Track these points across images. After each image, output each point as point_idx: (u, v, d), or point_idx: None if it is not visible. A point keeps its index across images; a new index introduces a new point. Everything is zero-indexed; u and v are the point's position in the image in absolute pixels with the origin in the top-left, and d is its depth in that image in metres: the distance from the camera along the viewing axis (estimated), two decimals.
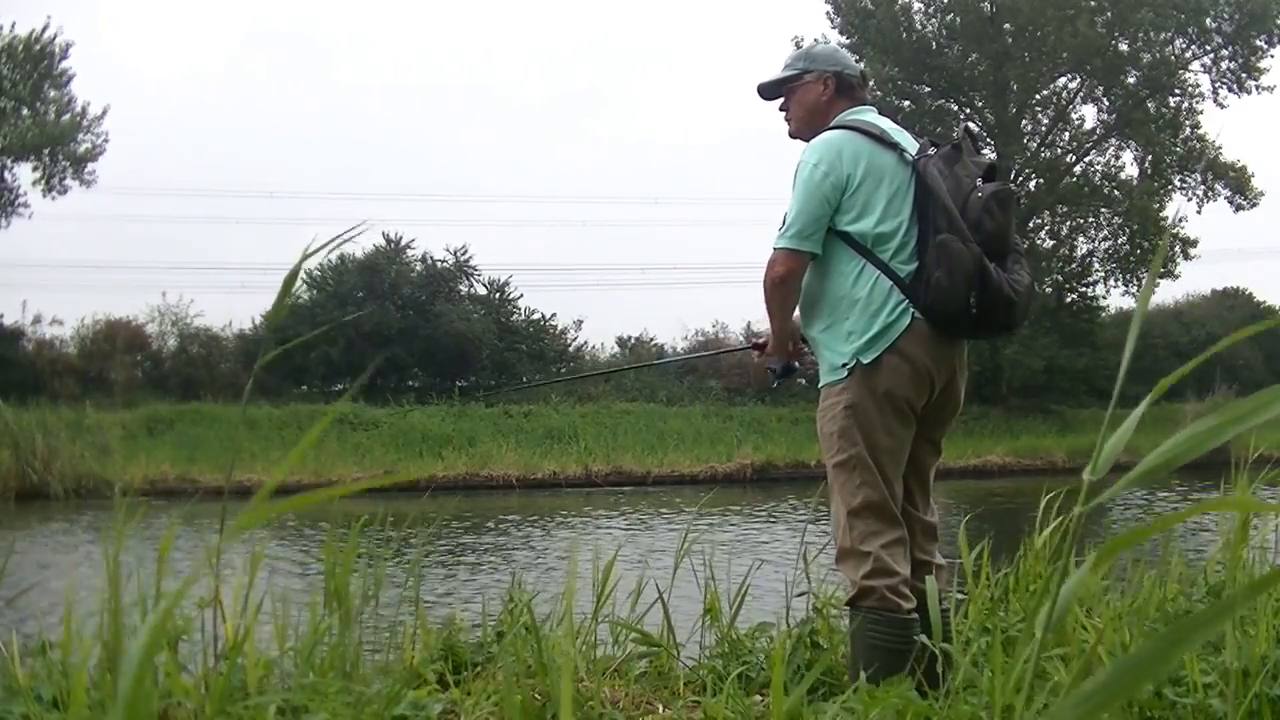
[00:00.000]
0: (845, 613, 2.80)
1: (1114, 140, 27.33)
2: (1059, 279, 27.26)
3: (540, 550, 11.15)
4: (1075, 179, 27.33)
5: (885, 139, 2.81)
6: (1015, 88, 26.74)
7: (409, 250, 27.67)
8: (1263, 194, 25.99)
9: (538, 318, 28.48)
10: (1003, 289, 2.66)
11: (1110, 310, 28.01)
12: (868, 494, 2.69)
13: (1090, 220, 27.85)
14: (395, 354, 25.86)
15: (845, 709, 2.09)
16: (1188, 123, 26.57)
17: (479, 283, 28.47)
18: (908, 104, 26.59)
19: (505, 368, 26.81)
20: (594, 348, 29.44)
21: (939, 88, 27.27)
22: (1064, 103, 27.67)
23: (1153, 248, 26.25)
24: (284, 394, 23.88)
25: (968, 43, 26.63)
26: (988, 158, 3.00)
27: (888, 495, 2.70)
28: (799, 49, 3.12)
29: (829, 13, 26.83)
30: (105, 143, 24.90)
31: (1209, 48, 26.05)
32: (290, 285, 1.45)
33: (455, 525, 12.61)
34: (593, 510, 15.45)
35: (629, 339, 29.68)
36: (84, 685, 1.81)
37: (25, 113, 24.31)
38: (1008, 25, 26.27)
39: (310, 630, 2.24)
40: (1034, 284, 2.88)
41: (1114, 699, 0.61)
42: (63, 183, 24.58)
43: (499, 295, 28.49)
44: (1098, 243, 27.94)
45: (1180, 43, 26.32)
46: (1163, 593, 2.99)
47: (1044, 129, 27.93)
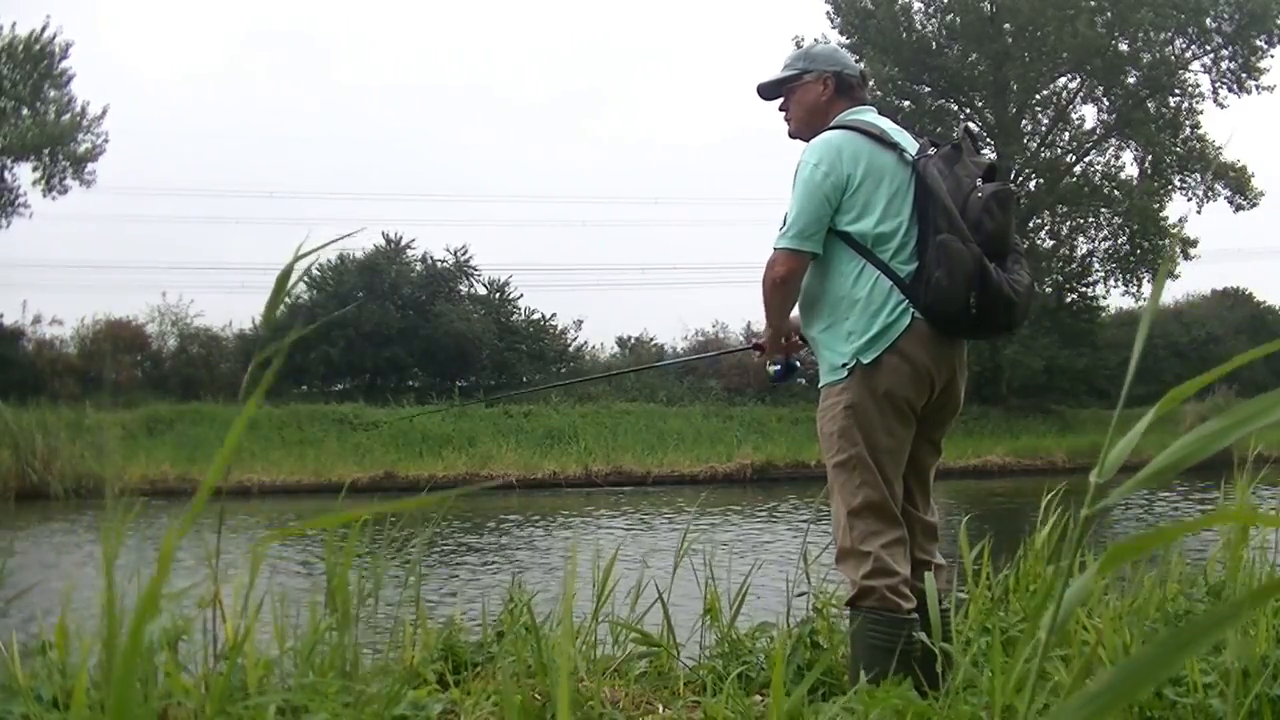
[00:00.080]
0: (845, 613, 2.80)
1: (1114, 140, 27.33)
2: (1059, 279, 27.26)
3: (541, 550, 11.15)
4: (1075, 179, 27.33)
5: (885, 139, 2.81)
6: (1015, 88, 26.73)
7: (409, 250, 27.71)
8: (1263, 194, 26.03)
9: (538, 318, 28.49)
10: (1003, 289, 2.66)
11: (1110, 310, 28.02)
12: (868, 494, 2.69)
13: (1090, 220, 27.85)
14: (395, 354, 25.87)
15: (845, 709, 2.09)
16: (1188, 123, 26.58)
17: (479, 283, 28.52)
18: (908, 104, 26.59)
19: (505, 368, 26.80)
20: (594, 348, 29.49)
21: (939, 88, 27.27)
22: (1064, 103, 27.67)
23: (1153, 248, 26.25)
24: (284, 394, 23.88)
25: (968, 43, 26.63)
26: (988, 158, 3.00)
27: (888, 495, 2.70)
28: (799, 49, 3.12)
29: (829, 13, 26.87)
30: (105, 143, 24.95)
31: (1209, 48, 26.05)
32: (284, 284, 1.44)
33: (456, 525, 12.60)
34: (593, 510, 15.45)
35: (629, 339, 29.71)
36: (84, 685, 1.81)
37: (25, 113, 24.31)
38: (1008, 25, 26.27)
39: (310, 630, 2.24)
40: (1034, 284, 2.88)
41: (1117, 702, 0.61)
42: (63, 183, 24.60)
43: (499, 295, 28.49)
44: (1098, 243, 27.96)
45: (1180, 43, 26.32)
46: (1163, 593, 2.99)
47: (1044, 129, 27.93)
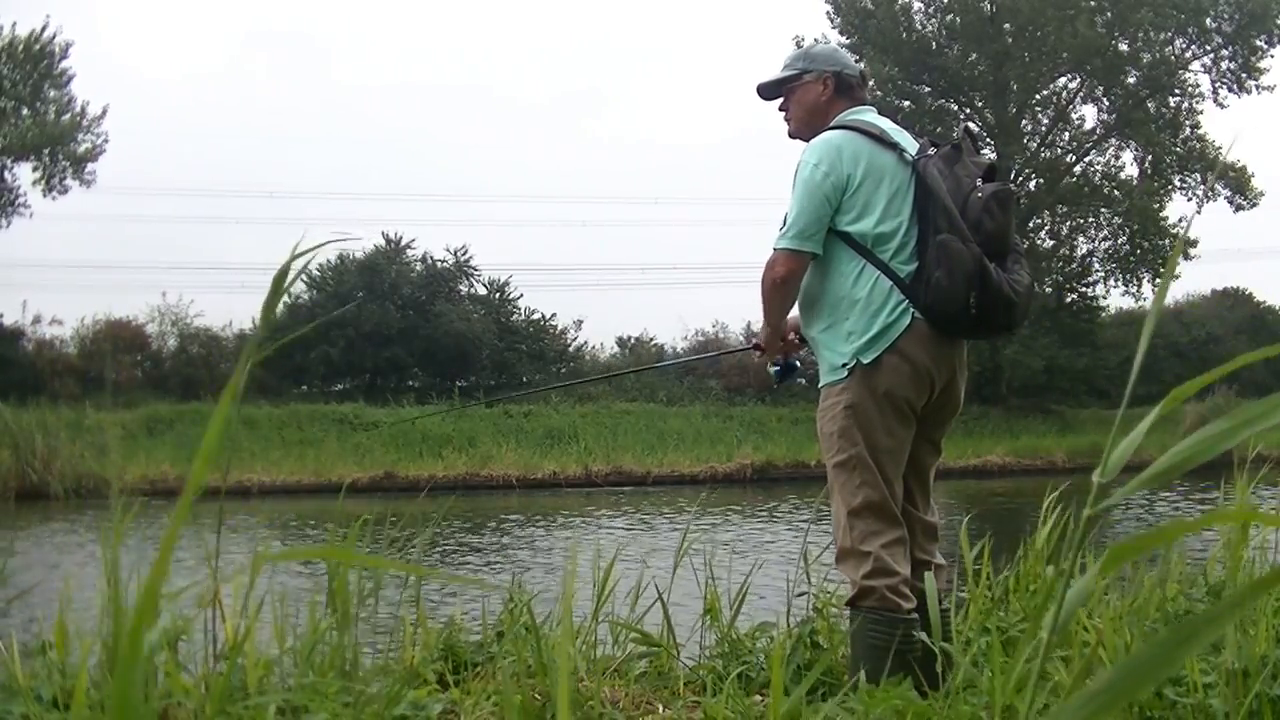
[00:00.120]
0: (845, 613, 2.80)
1: (1114, 140, 27.33)
2: (1059, 279, 27.26)
3: (542, 550, 11.15)
4: (1075, 179, 27.32)
5: (885, 139, 2.81)
6: (1015, 88, 26.74)
7: (409, 250, 27.71)
8: (1263, 194, 26.03)
9: (538, 318, 28.49)
10: (1003, 289, 2.66)
11: (1110, 310, 28.02)
12: (868, 494, 2.69)
13: (1090, 220, 27.85)
14: (395, 354, 25.87)
15: (845, 709, 2.09)
16: (1187, 123, 26.58)
17: (479, 283, 28.52)
18: (908, 104, 26.59)
19: (505, 368, 26.80)
20: (594, 348, 29.48)
21: (939, 88, 27.27)
22: (1064, 103, 27.67)
23: (1153, 248, 26.25)
24: (284, 394, 23.88)
25: (968, 43, 26.63)
26: (988, 158, 3.00)
27: (888, 495, 2.70)
28: (799, 49, 3.12)
29: (829, 13, 26.87)
30: (105, 143, 24.95)
31: (1209, 48, 26.05)
32: (280, 284, 1.44)
33: (457, 525, 12.61)
34: (594, 510, 15.45)
35: (629, 339, 29.71)
36: (84, 685, 1.81)
37: (25, 113, 24.31)
38: (1008, 25, 26.27)
39: (309, 630, 2.24)
40: (1034, 284, 2.88)
41: (1117, 700, 0.61)
42: (63, 183, 24.60)
43: (499, 295, 28.49)
44: (1098, 243, 27.96)
45: (1180, 43, 26.32)
46: (1163, 593, 2.99)
47: (1044, 129, 27.93)
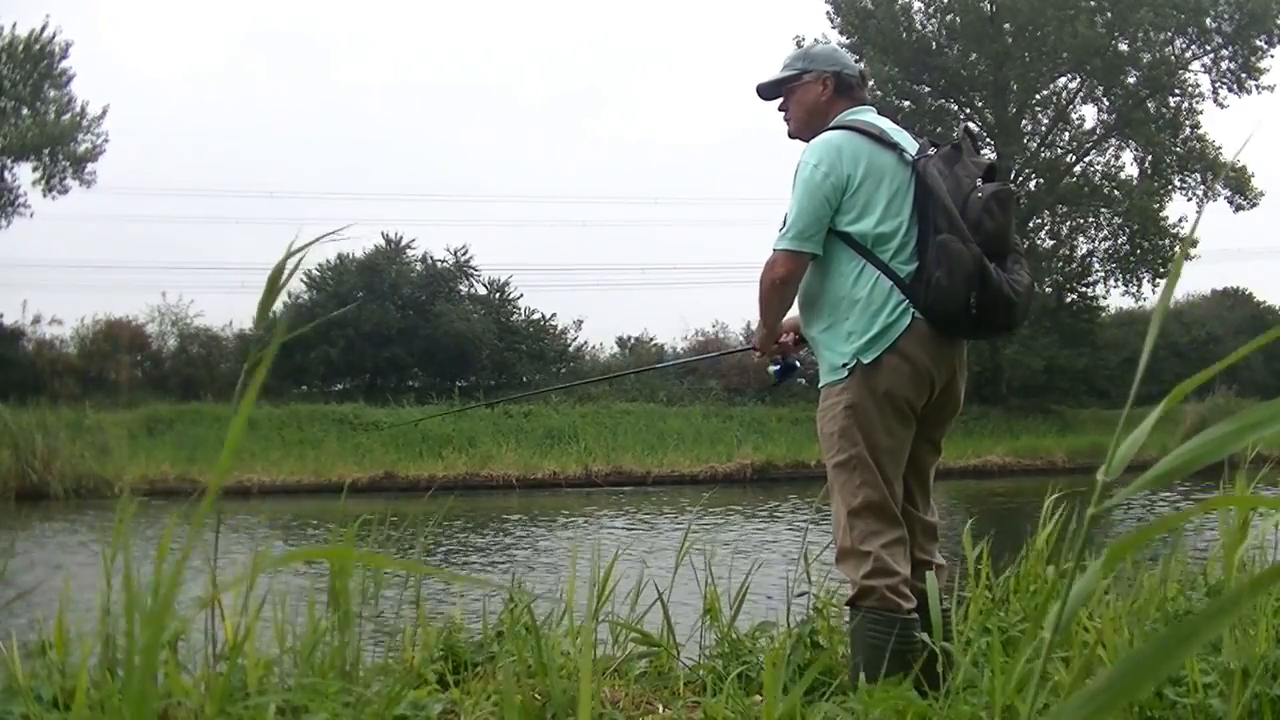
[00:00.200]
0: (845, 612, 2.80)
1: (1114, 140, 27.33)
2: (1059, 279, 27.27)
3: (542, 550, 11.15)
4: (1075, 179, 27.33)
5: (885, 139, 2.81)
6: (1015, 88, 26.74)
7: (409, 250, 27.71)
8: (1263, 194, 26.04)
9: (538, 318, 28.49)
10: (1003, 289, 2.66)
11: (1110, 310, 28.02)
12: (868, 494, 2.69)
13: (1090, 220, 27.86)
14: (395, 354, 25.87)
15: (845, 709, 2.09)
16: (1187, 123, 26.58)
17: (479, 283, 28.51)
18: (908, 104, 26.59)
19: (505, 368, 26.80)
20: (594, 348, 29.48)
21: (939, 88, 27.27)
22: (1064, 103, 27.67)
23: (1153, 248, 26.25)
24: (284, 394, 23.89)
25: (968, 43, 26.63)
26: (988, 158, 3.00)
27: (888, 495, 2.70)
28: (799, 49, 3.12)
29: (829, 13, 26.88)
30: (105, 143, 24.94)
31: (1209, 48, 26.06)
32: (276, 282, 1.44)
33: (457, 525, 12.60)
34: (594, 510, 15.45)
35: (629, 339, 29.70)
36: (84, 685, 1.81)
37: (25, 113, 24.31)
38: (1008, 25, 26.27)
39: (309, 630, 2.24)
40: (1034, 284, 2.88)
41: (1117, 700, 0.61)
42: (63, 183, 24.59)
43: (499, 295, 28.49)
44: (1098, 243, 27.97)
45: (1180, 43, 26.32)
46: (1163, 593, 2.99)
47: (1044, 129, 27.94)
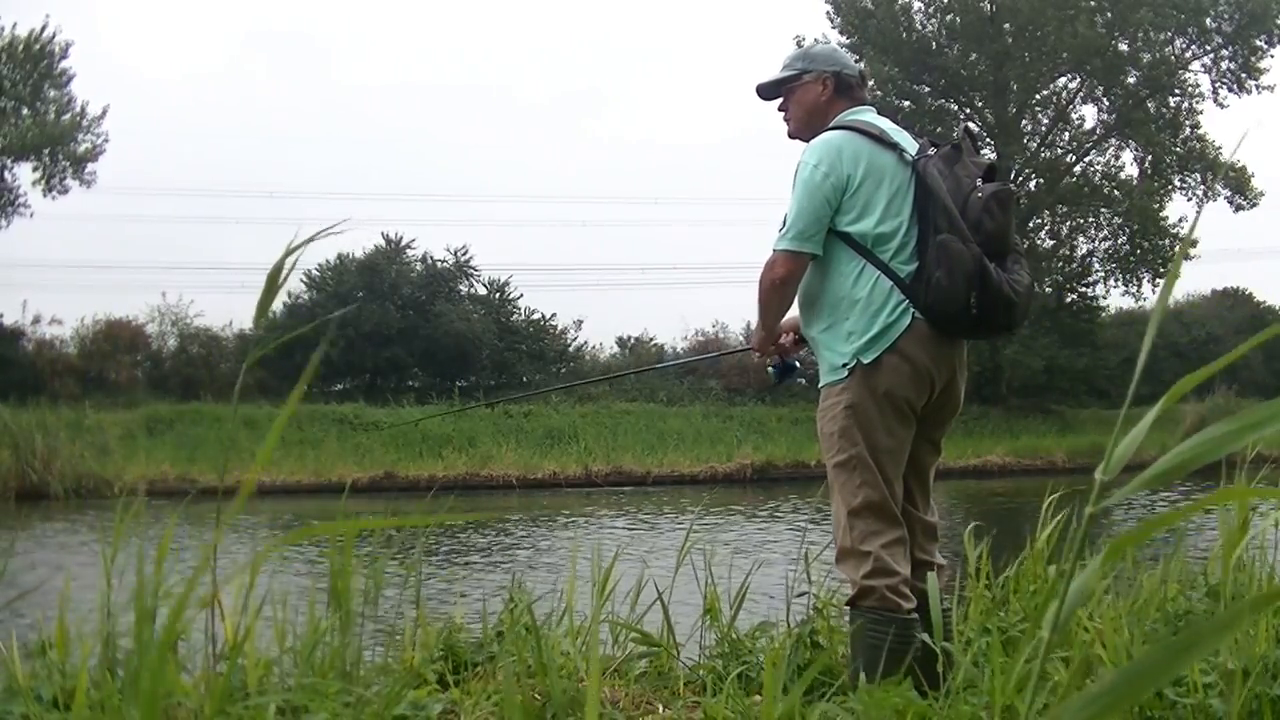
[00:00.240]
0: (845, 612, 2.80)
1: (1114, 140, 27.33)
2: (1059, 279, 27.27)
3: (543, 550, 11.15)
4: (1075, 179, 27.32)
5: (885, 139, 2.81)
6: (1015, 88, 26.74)
7: (409, 250, 27.70)
8: (1263, 194, 26.04)
9: (538, 318, 28.49)
10: (1003, 289, 2.66)
11: (1110, 310, 28.02)
12: (868, 494, 2.69)
13: (1090, 220, 27.85)
14: (395, 354, 25.86)
15: (845, 709, 2.09)
16: (1188, 123, 26.58)
17: (479, 283, 28.51)
18: (908, 104, 26.59)
19: (505, 368, 26.80)
20: (594, 348, 29.48)
21: (939, 88, 27.27)
22: (1064, 103, 27.67)
23: (1153, 248, 26.24)
24: (284, 394, 23.81)
25: (968, 43, 26.63)
26: (988, 158, 3.00)
27: (888, 495, 2.70)
28: (799, 49, 3.11)
29: (829, 13, 26.87)
30: (105, 143, 24.93)
31: (1209, 48, 26.06)
32: (274, 281, 1.43)
33: (456, 525, 12.60)
34: (594, 510, 15.45)
35: (629, 339, 29.71)
36: (84, 685, 1.81)
37: (25, 113, 24.30)
38: (1008, 25, 26.27)
39: (309, 630, 2.24)
40: (1034, 284, 2.88)
41: (1118, 704, 0.61)
42: (63, 183, 24.58)
43: (499, 295, 28.49)
44: (1098, 243, 27.97)
45: (1180, 43, 26.32)
46: (1163, 593, 2.99)
47: (1044, 129, 27.93)
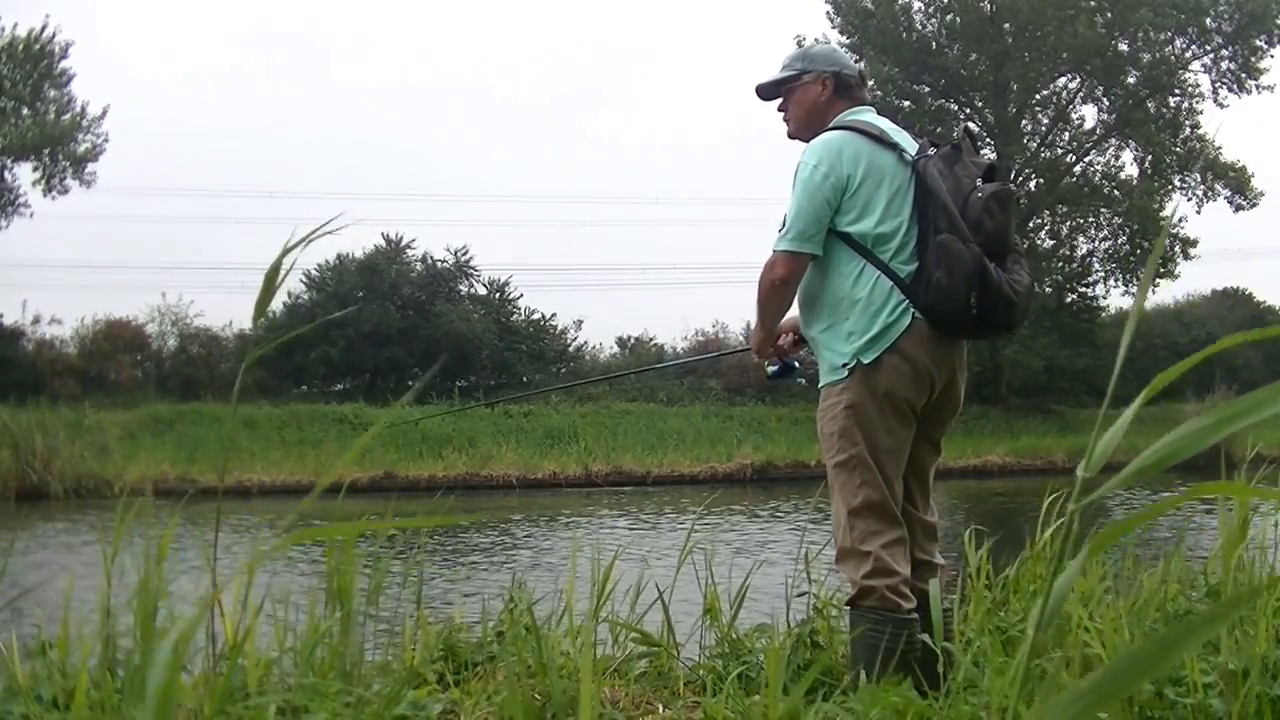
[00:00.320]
0: (845, 612, 2.80)
1: (1114, 140, 27.33)
2: (1059, 279, 27.26)
3: (544, 550, 11.15)
4: (1075, 179, 27.32)
5: (885, 139, 2.81)
6: (1015, 88, 26.73)
7: (409, 250, 27.70)
8: (1263, 194, 26.03)
9: (538, 318, 28.49)
10: (1003, 289, 2.66)
11: (1110, 310, 28.01)
12: (868, 494, 2.69)
13: (1090, 220, 27.85)
14: (395, 354, 25.86)
15: (845, 709, 2.09)
16: (1188, 123, 26.58)
17: (479, 283, 28.51)
18: (908, 104, 26.59)
19: (505, 368, 26.79)
20: (594, 348, 29.47)
21: (939, 88, 27.26)
22: (1064, 103, 27.67)
23: (1153, 247, 26.20)
24: (284, 394, 23.88)
25: (968, 43, 26.63)
26: (988, 158, 3.00)
27: (888, 495, 2.70)
28: (799, 49, 3.12)
29: (829, 13, 26.87)
30: (105, 143, 24.92)
31: (1209, 48, 26.05)
32: (272, 280, 1.43)
33: (458, 525, 12.60)
34: (595, 510, 15.45)
35: (629, 339, 29.71)
36: (84, 686, 1.81)
37: (25, 113, 24.30)
38: (1008, 25, 26.27)
39: (309, 630, 2.24)
40: (1034, 284, 2.88)
41: (1108, 698, 0.61)
42: (63, 183, 24.58)
43: (499, 295, 28.49)
44: (1098, 243, 27.95)
45: (1180, 43, 26.32)
46: (1164, 593, 2.99)
47: (1044, 129, 27.93)
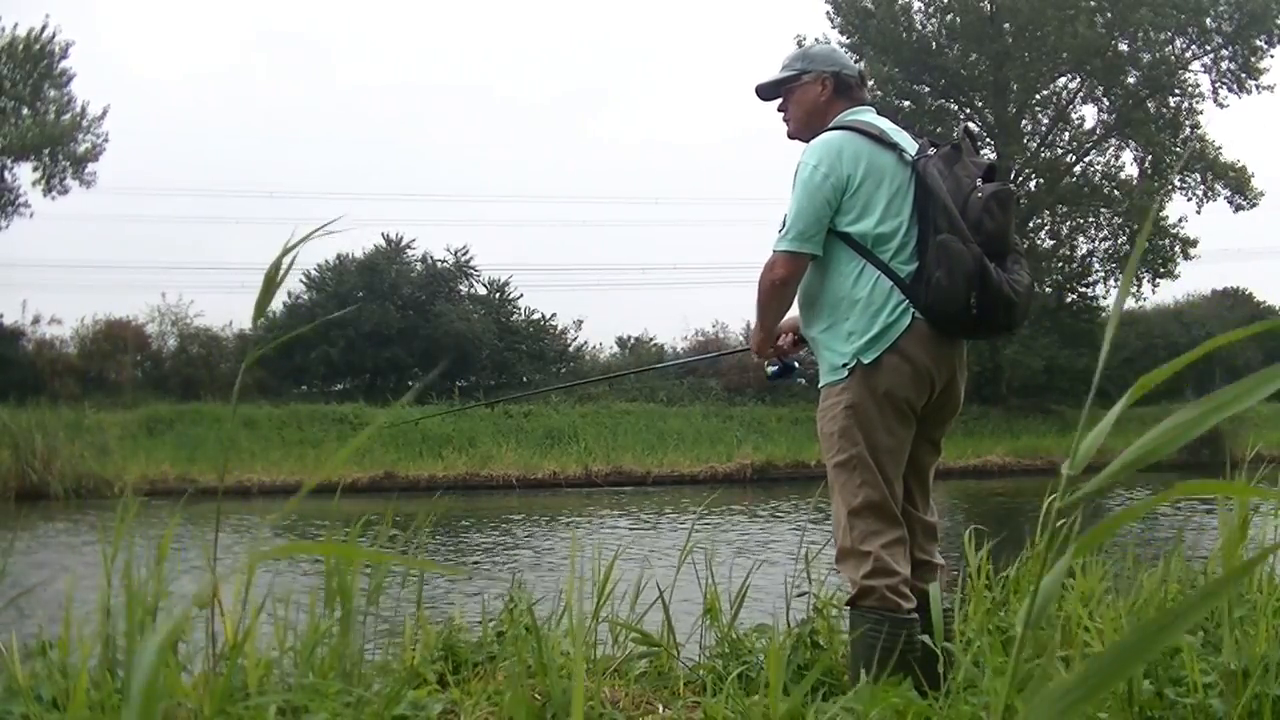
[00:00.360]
0: (845, 612, 2.80)
1: (1114, 140, 27.33)
2: (1059, 279, 27.27)
3: (544, 550, 11.15)
4: (1075, 179, 27.32)
5: (884, 139, 2.80)
6: (1015, 88, 26.73)
7: (409, 250, 27.70)
8: (1263, 194, 26.05)
9: (538, 318, 28.49)
10: (1003, 289, 2.66)
11: (1110, 310, 28.01)
12: (868, 494, 2.68)
13: (1090, 220, 27.85)
14: (395, 354, 25.86)
15: (845, 709, 2.09)
16: (1188, 123, 26.58)
17: (479, 283, 28.52)
18: (908, 104, 26.58)
19: (505, 368, 26.80)
20: (594, 348, 29.47)
21: (939, 88, 27.26)
22: (1064, 103, 27.67)
23: (1153, 248, 26.24)
24: (284, 394, 23.88)
25: (968, 43, 26.63)
26: (988, 158, 3.00)
27: (888, 495, 2.70)
28: (798, 49, 3.11)
29: (829, 13, 26.86)
30: (105, 143, 24.93)
31: (1209, 48, 26.05)
32: (271, 280, 1.43)
33: (458, 525, 12.60)
34: (595, 510, 15.45)
35: (629, 339, 29.71)
36: (84, 686, 1.81)
37: (25, 112, 24.30)
38: (1008, 25, 26.27)
39: (310, 630, 2.24)
40: (1034, 284, 2.88)
41: (1095, 691, 0.61)
42: (63, 183, 24.59)
43: (499, 295, 28.49)
44: (1098, 243, 27.96)
45: (1180, 43, 26.32)
46: (1164, 593, 2.99)
47: (1044, 129, 27.93)
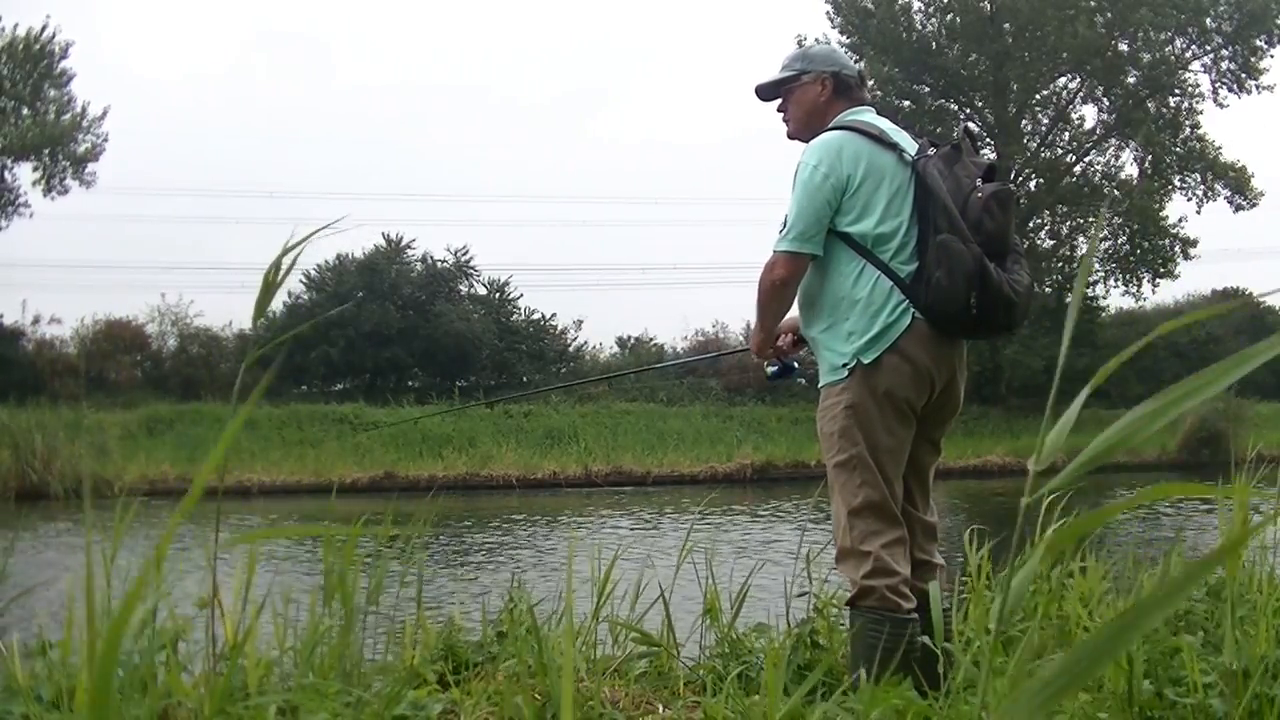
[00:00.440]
0: (846, 612, 2.80)
1: (1114, 140, 27.32)
2: (1059, 279, 27.25)
3: (544, 550, 11.15)
4: (1075, 179, 27.32)
5: (884, 139, 2.81)
6: (1015, 88, 26.73)
7: (409, 250, 27.70)
8: (1263, 194, 26.05)
9: (538, 318, 28.50)
10: (1003, 289, 2.66)
11: (1110, 310, 28.00)
12: (868, 494, 2.69)
13: (1090, 220, 27.83)
14: (395, 354, 25.86)
15: (845, 709, 2.09)
16: (1188, 123, 26.57)
17: (479, 283, 28.52)
18: (908, 104, 26.59)
19: (505, 368, 26.80)
20: (594, 348, 29.48)
21: (939, 88, 27.26)
22: (1064, 103, 27.67)
23: (1153, 248, 26.24)
24: (284, 394, 23.87)
25: (968, 43, 26.63)
26: (988, 158, 3.00)
27: (888, 495, 2.70)
28: (798, 49, 3.11)
29: (829, 13, 26.87)
30: (105, 143, 24.95)
31: (1209, 48, 26.05)
32: (271, 280, 1.43)
33: (459, 525, 12.61)
34: (595, 510, 15.45)
35: (629, 339, 29.72)
36: (84, 685, 1.81)
37: (25, 113, 24.30)
38: (1008, 25, 26.27)
39: (310, 630, 2.24)
40: (1034, 284, 2.88)
41: (1072, 684, 0.62)
42: (63, 183, 24.60)
43: (499, 295, 28.50)
44: (1098, 243, 27.94)
45: (1180, 43, 26.32)
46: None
47: (1044, 129, 27.93)
